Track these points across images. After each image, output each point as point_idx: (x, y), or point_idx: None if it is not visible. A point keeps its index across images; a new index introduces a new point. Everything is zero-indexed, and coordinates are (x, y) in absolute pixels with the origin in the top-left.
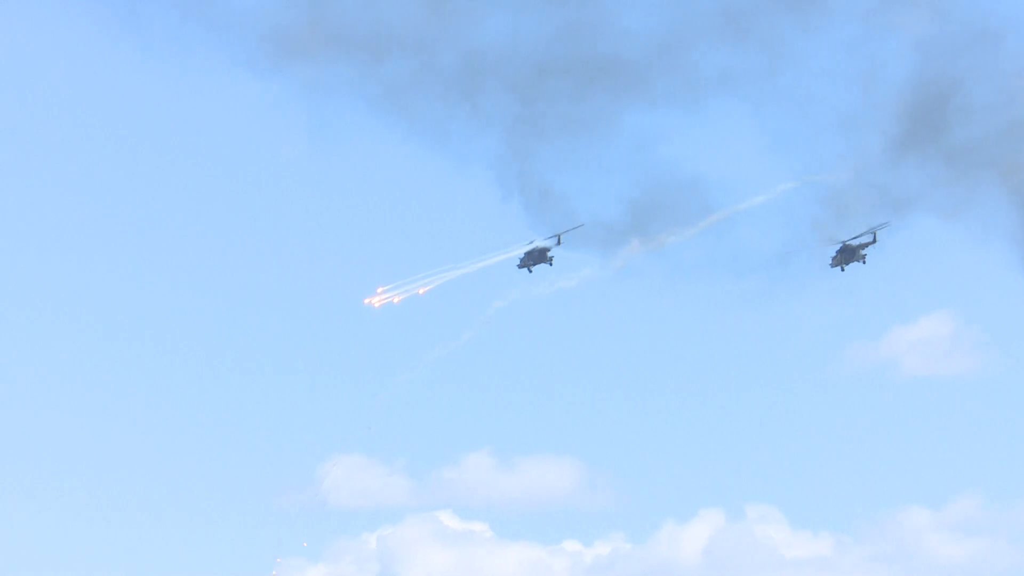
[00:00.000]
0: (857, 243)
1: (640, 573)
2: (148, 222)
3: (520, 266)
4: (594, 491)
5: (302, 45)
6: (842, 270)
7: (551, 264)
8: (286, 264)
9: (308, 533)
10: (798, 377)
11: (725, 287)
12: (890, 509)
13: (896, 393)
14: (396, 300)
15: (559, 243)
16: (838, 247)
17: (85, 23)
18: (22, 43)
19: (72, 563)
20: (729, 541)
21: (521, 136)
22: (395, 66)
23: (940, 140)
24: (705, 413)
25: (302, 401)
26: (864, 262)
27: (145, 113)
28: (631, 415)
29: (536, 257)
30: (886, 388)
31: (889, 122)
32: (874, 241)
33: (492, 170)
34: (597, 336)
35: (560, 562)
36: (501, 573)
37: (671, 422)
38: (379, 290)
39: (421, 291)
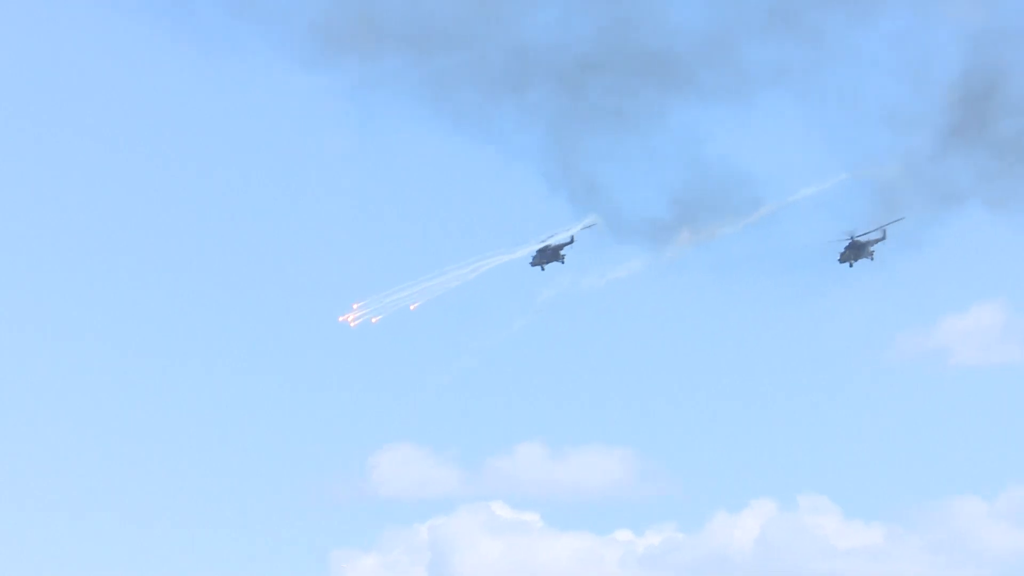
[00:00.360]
0: (866, 239)
1: (692, 563)
2: (198, 217)
3: (533, 264)
4: (646, 481)
5: (350, 40)
6: (850, 266)
7: (563, 263)
8: (333, 255)
9: (359, 524)
10: (849, 366)
11: (774, 279)
12: (942, 499)
13: (948, 382)
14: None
15: (572, 241)
16: (847, 243)
17: (136, 18)
18: (73, 38)
19: (123, 560)
20: (781, 531)
21: (568, 130)
22: (442, 60)
23: (989, 131)
24: (757, 403)
25: (353, 391)
26: (872, 258)
27: (193, 108)
28: (683, 405)
29: (549, 255)
30: (937, 377)
31: (938, 114)
32: (883, 238)
33: (538, 164)
34: (649, 327)
35: (612, 552)
36: (552, 563)
37: (723, 412)
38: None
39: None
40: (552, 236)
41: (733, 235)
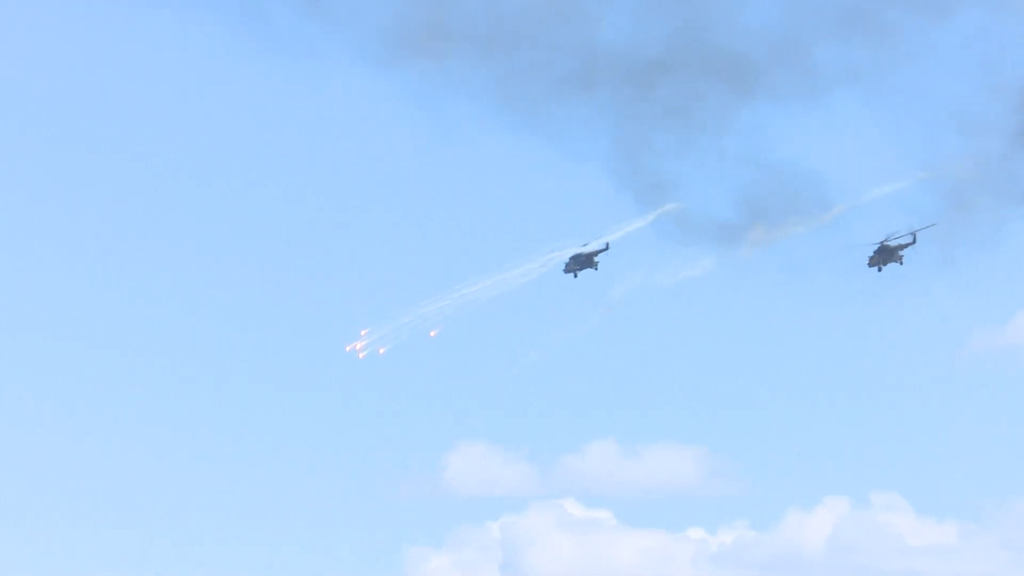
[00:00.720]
0: (896, 244)
1: (764, 561)
2: (273, 215)
3: (566, 271)
4: (718, 479)
5: (421, 41)
6: (879, 270)
7: (596, 269)
8: (403, 255)
9: (432, 522)
10: (923, 363)
11: (845, 279)
12: (1016, 496)
13: (1020, 379)
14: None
15: (607, 248)
16: (876, 247)
17: (209, 21)
18: (148, 42)
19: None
20: (853, 529)
21: (637, 130)
22: (513, 61)
23: None
24: (829, 400)
25: (427, 389)
26: (902, 263)
27: (268, 110)
28: (755, 403)
29: (583, 262)
30: (1010, 374)
31: (1010, 114)
32: (913, 242)
33: (606, 163)
34: (721, 325)
35: (684, 550)
36: (624, 561)
37: (795, 409)
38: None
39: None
40: (587, 244)
41: (804, 235)
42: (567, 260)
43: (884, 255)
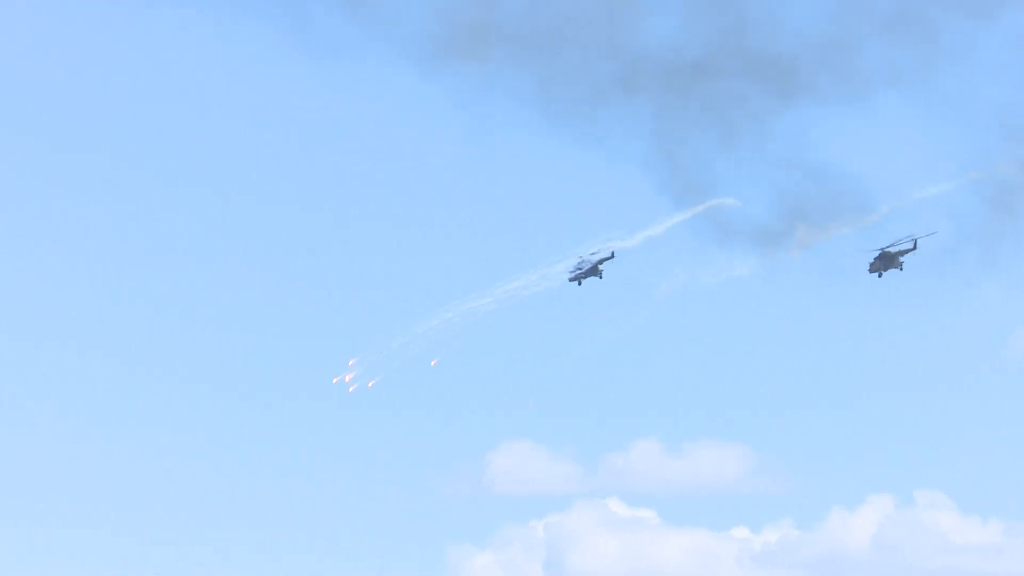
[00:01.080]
0: (896, 250)
1: (808, 560)
2: (311, 217)
3: (571, 279)
4: (762, 477)
5: (463, 43)
6: (879, 276)
7: (601, 277)
8: (440, 255)
9: (475, 521)
10: (967, 362)
11: (889, 279)
12: None
13: None
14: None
15: (613, 256)
16: (876, 253)
17: (253, 23)
18: (193, 45)
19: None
20: (897, 527)
21: (678, 132)
22: (555, 63)
23: None
24: (873, 399)
25: (470, 388)
26: (902, 269)
27: (308, 111)
28: (799, 402)
29: (588, 271)
30: None
31: None
32: (914, 248)
33: (647, 165)
34: (765, 324)
35: (728, 549)
36: (668, 560)
37: (839, 408)
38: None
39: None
40: (594, 252)
41: (848, 236)
42: (572, 269)
43: (885, 261)
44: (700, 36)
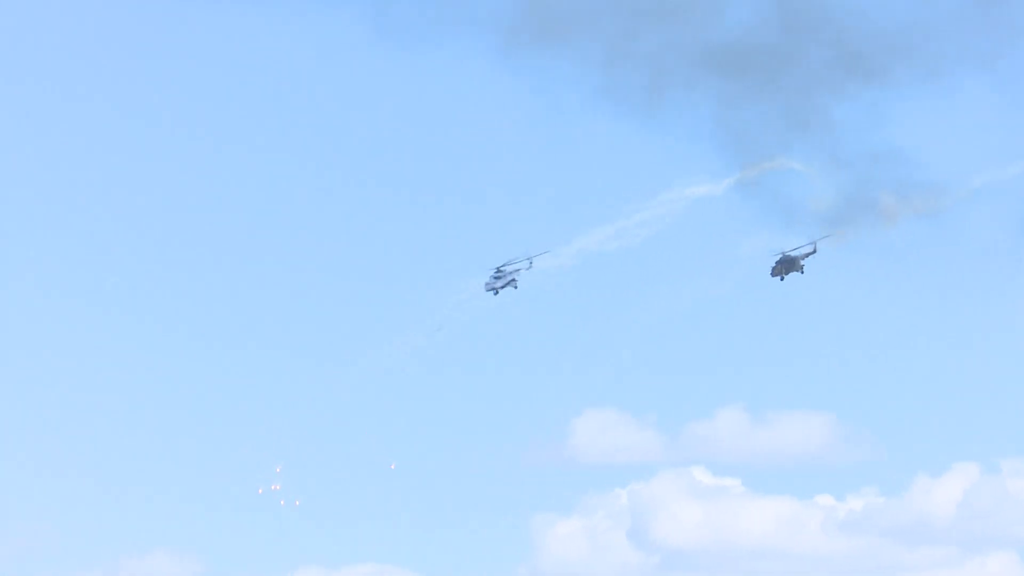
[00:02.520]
0: (797, 254)
1: (893, 528)
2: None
3: (487, 289)
4: (847, 445)
5: (535, 31)
6: (781, 279)
7: (516, 287)
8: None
9: (560, 489)
10: None
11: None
12: None
13: None
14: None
15: (531, 266)
16: (778, 257)
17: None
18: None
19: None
20: (983, 495)
21: (750, 117)
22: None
23: None
24: (958, 366)
25: (553, 355)
26: (802, 272)
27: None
28: (885, 369)
29: (505, 280)
30: None
31: None
32: (814, 251)
33: (716, 152)
34: (849, 292)
35: (813, 516)
36: (753, 528)
37: (925, 376)
38: None
39: None
40: (508, 263)
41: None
42: (487, 280)
43: (786, 265)
44: (777, 22)
